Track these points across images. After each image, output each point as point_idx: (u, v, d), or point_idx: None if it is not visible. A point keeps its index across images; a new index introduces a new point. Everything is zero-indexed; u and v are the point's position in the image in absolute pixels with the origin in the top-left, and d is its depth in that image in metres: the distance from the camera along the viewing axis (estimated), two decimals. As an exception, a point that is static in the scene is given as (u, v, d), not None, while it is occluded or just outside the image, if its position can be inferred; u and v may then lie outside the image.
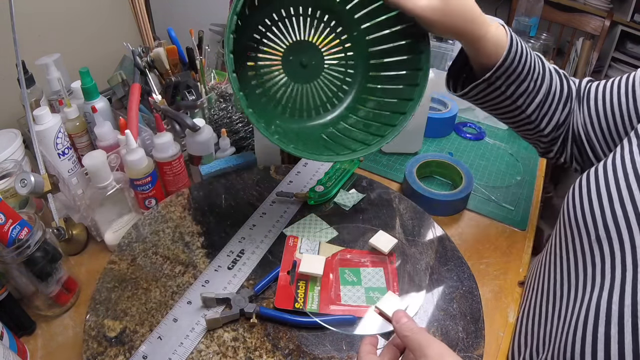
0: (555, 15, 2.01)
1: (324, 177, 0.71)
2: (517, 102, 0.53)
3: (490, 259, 0.65)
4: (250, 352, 0.48)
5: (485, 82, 0.52)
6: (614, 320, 0.36)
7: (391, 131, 0.56)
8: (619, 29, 2.09)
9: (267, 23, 0.57)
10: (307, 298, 0.53)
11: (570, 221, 0.46)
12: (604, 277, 0.39)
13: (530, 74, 0.52)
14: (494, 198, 0.77)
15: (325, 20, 0.59)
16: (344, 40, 0.60)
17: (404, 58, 0.58)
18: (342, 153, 0.55)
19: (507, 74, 0.51)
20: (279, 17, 0.57)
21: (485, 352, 0.49)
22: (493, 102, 0.55)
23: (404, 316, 0.40)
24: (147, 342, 0.48)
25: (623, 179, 0.42)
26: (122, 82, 0.82)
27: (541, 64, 0.54)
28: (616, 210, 0.41)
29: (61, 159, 0.70)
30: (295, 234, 0.62)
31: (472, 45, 0.51)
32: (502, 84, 0.51)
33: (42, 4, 0.90)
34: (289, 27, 0.58)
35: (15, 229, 0.49)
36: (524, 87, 0.52)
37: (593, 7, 2.03)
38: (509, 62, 0.50)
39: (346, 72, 0.62)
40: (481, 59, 0.52)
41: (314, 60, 0.60)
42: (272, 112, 0.60)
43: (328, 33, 0.60)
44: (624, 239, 0.39)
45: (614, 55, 2.19)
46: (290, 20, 0.58)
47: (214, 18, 1.09)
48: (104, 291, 0.55)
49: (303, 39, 0.59)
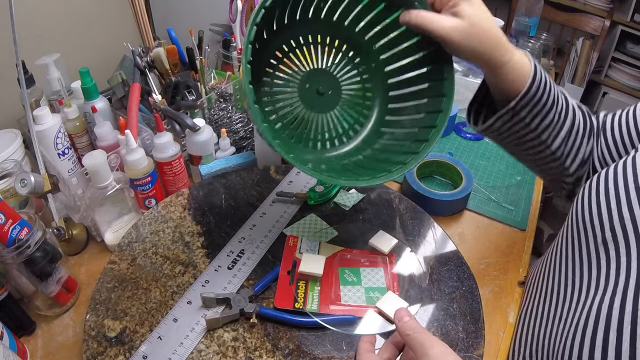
0: (555, 15, 2.01)
1: (324, 177, 0.71)
2: (541, 137, 0.51)
3: (490, 259, 0.65)
4: (250, 352, 0.48)
5: (509, 112, 0.49)
6: (613, 327, 0.36)
7: (413, 158, 0.52)
8: (619, 29, 2.09)
9: (284, 49, 0.55)
10: (307, 298, 0.53)
11: (577, 222, 0.45)
12: (607, 281, 0.39)
13: (554, 106, 0.50)
14: (494, 198, 0.77)
15: (344, 50, 0.57)
16: (361, 71, 0.58)
17: (426, 86, 0.55)
18: (362, 178, 0.52)
19: (532, 103, 0.49)
20: (296, 44, 0.55)
21: (485, 352, 0.49)
22: (517, 135, 0.52)
23: (406, 315, 0.40)
24: (147, 342, 0.48)
25: (632, 181, 0.41)
26: (122, 82, 0.82)
27: (564, 97, 0.53)
28: (624, 212, 0.40)
29: (61, 159, 0.70)
30: (295, 234, 0.62)
31: (496, 71, 0.48)
32: (526, 114, 0.49)
33: (42, 4, 0.90)
34: (306, 55, 0.56)
35: (15, 229, 0.48)
36: (548, 119, 0.50)
37: (593, 7, 2.03)
38: (534, 90, 0.48)
39: (364, 103, 0.60)
40: (505, 87, 0.49)
41: (330, 90, 0.58)
42: (287, 142, 0.57)
43: (346, 63, 0.58)
44: (631, 243, 0.39)
45: (614, 55, 2.19)
46: (308, 47, 0.56)
47: (214, 18, 1.09)
48: (104, 291, 0.55)
49: (320, 67, 0.57)
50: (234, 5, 0.98)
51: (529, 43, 1.17)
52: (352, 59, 0.58)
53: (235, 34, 0.99)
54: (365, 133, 0.60)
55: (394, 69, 0.57)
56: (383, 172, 0.52)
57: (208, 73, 0.90)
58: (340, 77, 0.58)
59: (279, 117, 0.56)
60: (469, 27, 0.46)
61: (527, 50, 1.19)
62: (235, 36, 0.98)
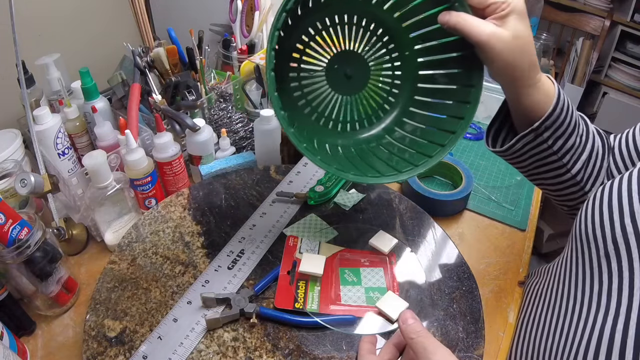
0: (555, 15, 2.01)
1: (324, 177, 0.71)
2: (563, 159, 0.51)
3: (490, 259, 0.65)
4: (250, 352, 0.48)
5: (532, 133, 0.49)
6: (615, 352, 0.35)
7: (424, 162, 0.52)
8: (619, 29, 2.09)
9: (317, 27, 0.53)
10: (307, 298, 0.53)
11: (580, 234, 0.45)
12: (609, 298, 0.39)
13: (576, 129, 0.50)
14: (494, 198, 0.77)
15: (379, 34, 0.56)
16: (394, 58, 0.57)
17: (454, 88, 0.54)
18: (388, 174, 0.52)
19: (555, 125, 0.48)
20: (330, 23, 0.54)
21: (485, 352, 0.49)
22: (538, 157, 0.52)
23: (411, 317, 0.39)
24: (147, 342, 0.48)
25: (636, 193, 0.41)
26: (122, 82, 0.82)
27: (584, 121, 0.53)
28: (626, 224, 0.39)
29: (61, 159, 0.70)
30: (295, 234, 0.62)
31: (524, 90, 0.48)
32: (549, 136, 0.49)
33: (42, 4, 0.90)
34: (339, 35, 0.54)
35: (15, 229, 0.49)
36: (570, 142, 0.50)
37: (593, 7, 2.03)
38: (558, 112, 0.48)
39: (391, 90, 0.59)
40: (529, 107, 0.49)
41: (359, 73, 0.57)
42: (314, 127, 0.57)
43: (379, 47, 0.57)
44: (633, 257, 0.38)
45: (614, 55, 2.19)
46: (342, 27, 0.54)
47: (214, 18, 1.09)
48: (104, 291, 0.55)
49: (350, 49, 0.56)
50: (234, 5, 0.98)
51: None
52: (387, 43, 0.56)
53: (235, 34, 0.99)
54: (388, 120, 0.60)
55: (426, 62, 0.56)
56: (393, 172, 0.52)
57: (208, 73, 0.90)
58: (371, 61, 0.57)
59: (307, 101, 0.56)
60: (512, 39, 0.45)
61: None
62: (235, 36, 0.98)
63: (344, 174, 0.50)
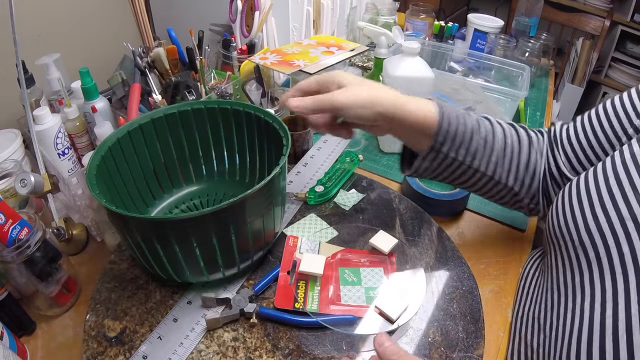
0: (555, 15, 2.01)
1: (324, 177, 0.71)
2: (473, 165, 0.52)
3: (490, 259, 0.65)
4: (250, 352, 0.48)
5: (433, 152, 0.51)
6: (609, 337, 0.35)
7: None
8: (619, 29, 2.09)
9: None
10: (307, 298, 0.53)
11: (554, 229, 0.46)
12: (593, 286, 0.39)
13: (476, 133, 0.51)
14: (494, 198, 0.76)
15: None
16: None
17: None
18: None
19: (449, 138, 0.50)
20: None
21: (485, 352, 0.49)
22: (450, 170, 0.53)
23: (387, 340, 0.40)
24: (147, 342, 0.48)
25: (604, 184, 0.41)
26: (122, 82, 0.82)
27: (487, 120, 0.54)
28: (597, 214, 0.40)
29: (61, 159, 0.70)
30: (295, 234, 0.62)
31: (402, 122, 0.50)
32: (449, 148, 0.50)
33: (42, 4, 0.90)
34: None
35: (15, 229, 0.48)
36: (474, 147, 0.51)
37: (593, 7, 2.04)
38: (446, 126, 0.49)
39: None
40: (415, 130, 0.50)
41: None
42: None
43: None
44: (609, 243, 0.38)
45: (614, 55, 2.20)
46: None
47: (214, 18, 1.09)
48: (104, 291, 0.55)
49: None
50: (234, 5, 0.98)
51: (529, 43, 1.17)
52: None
53: (235, 34, 0.99)
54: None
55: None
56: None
57: (208, 73, 0.90)
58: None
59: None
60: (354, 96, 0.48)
61: (527, 51, 1.18)
62: (235, 36, 0.98)
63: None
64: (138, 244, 0.48)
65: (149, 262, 0.50)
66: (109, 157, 0.55)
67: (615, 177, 0.41)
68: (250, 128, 0.64)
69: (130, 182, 0.60)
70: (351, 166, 0.74)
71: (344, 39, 1.04)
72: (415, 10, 1.29)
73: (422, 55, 0.82)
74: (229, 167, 0.69)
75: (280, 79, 1.00)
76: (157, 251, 0.47)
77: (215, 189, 0.68)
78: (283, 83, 0.99)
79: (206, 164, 0.69)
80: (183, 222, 0.45)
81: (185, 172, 0.68)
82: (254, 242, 0.52)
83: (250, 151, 0.67)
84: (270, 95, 0.87)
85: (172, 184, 0.67)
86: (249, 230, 0.50)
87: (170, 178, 0.66)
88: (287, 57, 0.83)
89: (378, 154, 0.88)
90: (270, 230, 0.55)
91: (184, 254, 0.48)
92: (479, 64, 1.08)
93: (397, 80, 0.76)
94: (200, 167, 0.69)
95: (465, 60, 1.12)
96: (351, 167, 0.74)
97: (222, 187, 0.68)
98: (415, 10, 1.29)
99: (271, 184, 0.49)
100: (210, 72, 0.91)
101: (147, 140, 0.61)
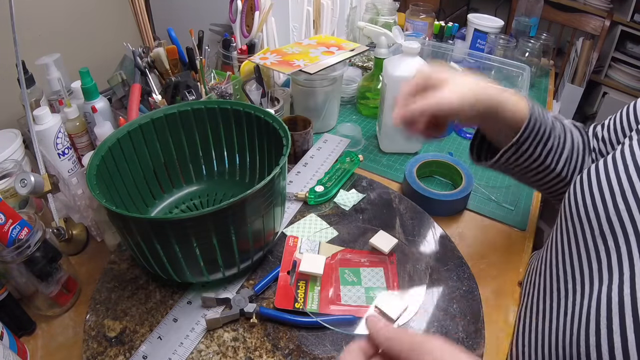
0: (555, 15, 2.01)
1: (324, 177, 0.71)
2: (545, 162, 0.54)
3: (490, 259, 0.65)
4: (250, 352, 0.48)
5: (514, 147, 0.52)
6: (628, 312, 0.35)
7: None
8: (619, 29, 2.09)
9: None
10: (307, 298, 0.53)
11: (572, 216, 0.46)
12: (611, 271, 0.39)
13: (553, 132, 0.53)
14: (494, 198, 0.76)
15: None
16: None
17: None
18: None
19: (532, 134, 0.51)
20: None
21: (486, 352, 0.49)
22: (523, 164, 0.54)
23: (378, 320, 0.36)
24: (147, 342, 0.48)
25: (624, 172, 0.42)
26: (122, 82, 0.81)
27: (559, 121, 0.56)
28: (618, 203, 0.41)
29: (61, 159, 0.70)
30: (295, 234, 0.62)
31: (497, 116, 0.50)
32: (529, 145, 0.52)
33: (42, 4, 0.90)
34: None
35: (15, 229, 0.48)
36: (549, 145, 0.53)
37: (593, 7, 2.03)
38: (533, 123, 0.50)
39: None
40: (506, 125, 0.51)
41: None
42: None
43: None
44: (629, 232, 0.39)
45: (614, 55, 2.19)
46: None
47: (214, 18, 1.08)
48: (104, 291, 0.55)
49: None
50: (234, 5, 0.98)
51: (529, 43, 1.17)
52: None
53: (235, 34, 0.99)
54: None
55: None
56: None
57: (208, 73, 0.90)
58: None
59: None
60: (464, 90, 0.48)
61: (527, 51, 1.18)
62: (235, 36, 0.98)
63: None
64: (138, 244, 0.48)
65: (149, 262, 0.50)
66: (109, 157, 0.55)
67: (635, 165, 0.42)
68: (250, 128, 0.64)
69: (130, 182, 0.60)
70: (351, 166, 0.74)
71: (344, 39, 1.04)
72: (415, 10, 1.29)
73: (422, 55, 0.82)
74: (229, 167, 0.69)
75: (280, 79, 1.00)
76: (157, 251, 0.47)
77: (215, 189, 0.68)
78: (283, 83, 0.99)
79: (206, 164, 0.69)
80: (183, 222, 0.45)
81: (185, 172, 0.68)
82: (254, 242, 0.52)
83: (250, 151, 0.67)
84: (270, 95, 0.87)
85: (172, 184, 0.67)
86: (249, 230, 0.50)
87: (170, 178, 0.66)
88: (287, 57, 0.83)
89: (378, 154, 0.88)
90: (270, 230, 0.55)
91: (184, 254, 0.48)
92: (479, 64, 1.08)
93: (397, 80, 0.76)
94: (200, 167, 0.69)
95: (465, 60, 1.12)
96: (351, 167, 0.74)
97: (222, 187, 0.68)
98: (415, 10, 1.29)
99: (271, 184, 0.49)
100: (210, 72, 0.91)
101: (147, 140, 0.61)
